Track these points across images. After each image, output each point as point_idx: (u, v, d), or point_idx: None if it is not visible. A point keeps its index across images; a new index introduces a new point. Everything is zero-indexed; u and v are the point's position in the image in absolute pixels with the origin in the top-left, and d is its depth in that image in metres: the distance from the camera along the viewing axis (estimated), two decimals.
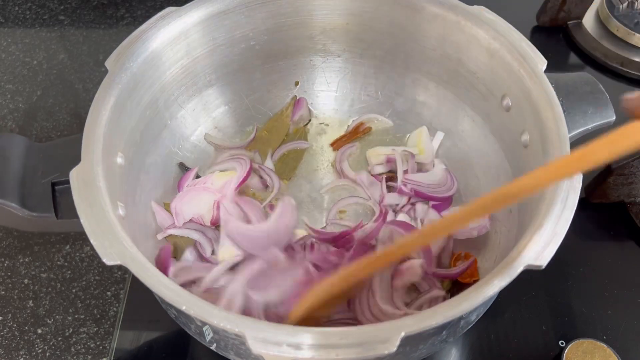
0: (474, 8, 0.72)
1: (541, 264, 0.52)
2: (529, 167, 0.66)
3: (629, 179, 0.84)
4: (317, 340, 0.47)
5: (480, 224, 0.75)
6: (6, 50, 1.17)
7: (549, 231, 0.53)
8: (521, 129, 0.68)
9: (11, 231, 0.91)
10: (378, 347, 0.46)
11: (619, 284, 0.81)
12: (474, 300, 0.49)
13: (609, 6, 1.08)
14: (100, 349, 0.80)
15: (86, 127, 0.61)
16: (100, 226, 0.54)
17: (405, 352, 0.56)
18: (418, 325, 0.48)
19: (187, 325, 0.60)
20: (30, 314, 0.83)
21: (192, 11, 0.73)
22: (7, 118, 1.06)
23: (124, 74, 0.66)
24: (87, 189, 0.56)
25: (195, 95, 0.82)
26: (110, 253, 0.52)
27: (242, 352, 0.56)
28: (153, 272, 0.52)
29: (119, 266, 0.85)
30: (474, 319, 0.61)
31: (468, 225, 0.73)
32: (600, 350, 0.70)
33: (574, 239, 0.85)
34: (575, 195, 0.56)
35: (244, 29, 0.79)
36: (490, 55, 0.71)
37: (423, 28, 0.77)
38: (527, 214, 0.61)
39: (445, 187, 0.81)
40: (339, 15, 0.81)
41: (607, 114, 0.69)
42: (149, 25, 0.70)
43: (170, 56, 0.73)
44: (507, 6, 0.76)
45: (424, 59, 0.81)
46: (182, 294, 0.50)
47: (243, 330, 0.47)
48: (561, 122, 0.61)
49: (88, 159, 0.58)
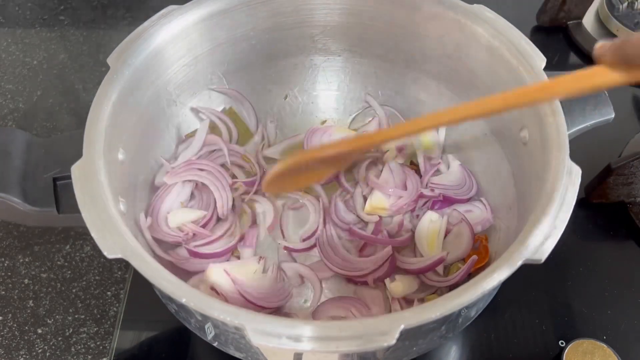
0: (474, 6, 0.72)
1: (540, 257, 0.52)
2: (528, 164, 0.66)
3: (629, 179, 0.84)
4: (316, 332, 0.47)
5: (484, 217, 0.76)
6: (6, 50, 1.18)
7: (548, 225, 0.53)
8: (520, 126, 0.68)
9: (11, 231, 0.91)
10: (377, 339, 0.46)
11: (619, 284, 0.82)
12: (473, 294, 0.49)
13: (609, 6, 1.08)
14: (100, 349, 0.80)
15: (88, 122, 0.61)
16: (101, 220, 0.54)
17: (404, 346, 0.56)
18: (417, 318, 0.48)
19: (187, 320, 0.60)
20: (30, 314, 0.83)
21: (193, 10, 0.73)
22: (7, 118, 1.06)
23: (126, 70, 0.66)
24: (89, 183, 0.56)
25: (196, 93, 0.82)
26: (111, 246, 0.52)
27: (242, 347, 0.56)
28: (153, 266, 0.52)
29: (119, 266, 0.86)
30: (474, 314, 0.61)
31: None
32: (600, 350, 0.71)
33: (574, 239, 0.85)
34: (574, 191, 0.56)
35: (245, 27, 0.79)
36: (490, 53, 0.71)
37: (423, 27, 0.77)
38: (526, 210, 0.61)
39: (466, 188, 0.81)
40: (339, 14, 0.81)
41: (605, 111, 0.70)
42: (151, 23, 0.70)
43: (172, 54, 0.74)
44: (507, 6, 0.76)
45: (424, 58, 0.81)
46: (182, 286, 0.51)
47: (243, 323, 0.47)
48: (560, 119, 0.61)
49: (90, 153, 0.59)
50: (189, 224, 0.76)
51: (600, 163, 0.86)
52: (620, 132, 0.94)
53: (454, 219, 0.78)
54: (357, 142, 0.65)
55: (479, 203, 0.79)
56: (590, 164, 0.81)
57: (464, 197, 0.80)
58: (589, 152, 0.72)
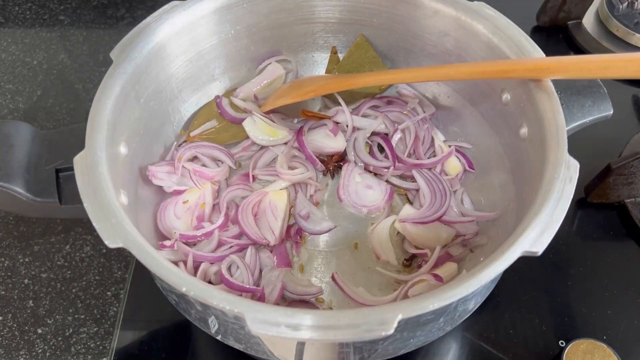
0: (474, 4, 0.73)
1: (537, 250, 0.52)
2: (527, 161, 0.66)
3: (629, 179, 0.84)
4: (315, 321, 0.47)
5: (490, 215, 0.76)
6: (6, 50, 1.18)
7: (546, 218, 0.54)
8: (520, 123, 0.69)
9: (11, 231, 0.91)
10: (376, 328, 0.47)
11: (619, 284, 0.82)
12: (470, 285, 0.50)
13: (609, 6, 1.09)
14: (100, 349, 0.80)
15: (90, 114, 0.62)
16: (103, 210, 0.54)
17: (403, 337, 0.56)
18: (415, 308, 0.48)
19: (188, 312, 0.60)
20: (30, 314, 0.83)
21: (196, 5, 0.74)
22: (7, 118, 1.06)
23: (128, 64, 0.67)
24: (91, 174, 0.57)
25: (199, 88, 0.83)
26: (112, 236, 0.53)
27: (241, 337, 0.56)
28: (154, 255, 0.52)
29: (119, 266, 0.86)
30: (472, 307, 0.61)
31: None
32: (600, 350, 0.70)
33: (574, 239, 0.85)
34: (572, 184, 0.56)
35: (247, 24, 0.80)
36: (490, 50, 0.71)
37: (423, 24, 0.78)
38: (524, 205, 0.61)
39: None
40: (340, 11, 0.82)
41: (604, 107, 0.70)
42: (154, 18, 0.71)
43: (174, 49, 0.74)
44: (507, 6, 0.76)
45: (424, 55, 0.81)
46: (183, 276, 0.51)
47: (242, 311, 0.47)
48: (559, 116, 0.62)
49: (92, 145, 0.59)
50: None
51: (600, 163, 0.86)
52: (620, 132, 0.94)
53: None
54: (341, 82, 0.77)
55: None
56: (590, 164, 0.81)
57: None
58: (588, 152, 0.72)
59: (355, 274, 0.76)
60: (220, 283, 0.69)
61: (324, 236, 0.79)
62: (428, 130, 0.84)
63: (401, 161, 0.82)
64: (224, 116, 0.83)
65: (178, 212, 0.76)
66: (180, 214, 0.76)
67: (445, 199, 0.78)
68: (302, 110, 0.85)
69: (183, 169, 0.77)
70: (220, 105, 0.83)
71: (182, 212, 0.76)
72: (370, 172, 0.83)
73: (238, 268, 0.72)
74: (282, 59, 0.86)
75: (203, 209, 0.77)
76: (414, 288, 0.68)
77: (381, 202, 0.80)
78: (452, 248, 0.74)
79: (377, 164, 0.82)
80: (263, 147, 0.84)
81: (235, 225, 0.76)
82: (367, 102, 0.87)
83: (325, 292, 0.73)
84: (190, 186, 0.78)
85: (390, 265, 0.76)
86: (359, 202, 0.80)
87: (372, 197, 0.81)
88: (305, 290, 0.72)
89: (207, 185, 0.79)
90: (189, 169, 0.77)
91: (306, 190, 0.82)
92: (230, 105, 0.84)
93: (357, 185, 0.81)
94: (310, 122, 0.85)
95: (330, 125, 0.83)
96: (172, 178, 0.76)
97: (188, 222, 0.76)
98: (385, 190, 0.81)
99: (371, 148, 0.85)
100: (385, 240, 0.76)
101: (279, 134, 0.83)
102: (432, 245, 0.74)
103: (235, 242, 0.74)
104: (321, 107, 0.90)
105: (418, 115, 0.85)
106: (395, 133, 0.84)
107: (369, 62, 0.85)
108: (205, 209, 0.77)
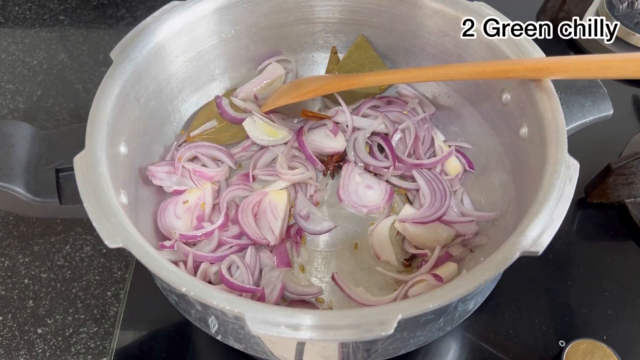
0: (474, 4, 0.73)
1: (537, 250, 0.52)
2: (527, 161, 0.66)
3: (629, 179, 0.84)
4: (315, 321, 0.47)
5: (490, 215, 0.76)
6: (6, 50, 1.18)
7: (546, 218, 0.54)
8: (520, 123, 0.69)
9: (11, 231, 0.91)
10: (376, 328, 0.47)
11: (619, 284, 0.82)
12: (470, 285, 0.50)
13: (609, 6, 1.08)
14: (100, 349, 0.80)
15: (90, 114, 0.62)
16: (103, 210, 0.54)
17: (403, 337, 0.56)
18: (415, 308, 0.48)
19: (188, 312, 0.60)
20: (30, 314, 0.83)
21: (196, 5, 0.74)
22: (7, 118, 1.06)
23: (128, 64, 0.67)
24: (91, 174, 0.57)
25: (199, 88, 0.82)
26: (112, 236, 0.53)
27: (241, 337, 0.56)
28: (154, 255, 0.52)
29: (119, 266, 0.86)
30: (472, 307, 0.61)
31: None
32: (600, 350, 0.70)
33: (574, 239, 0.85)
34: (572, 184, 0.56)
35: (246, 24, 0.80)
36: (490, 50, 0.71)
37: (423, 24, 0.78)
38: (524, 205, 0.61)
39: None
40: (340, 11, 0.82)
41: (604, 107, 0.70)
42: (154, 18, 0.71)
43: (174, 49, 0.74)
44: (507, 6, 0.76)
45: (424, 55, 0.81)
46: (183, 276, 0.51)
47: (242, 311, 0.47)
48: (559, 116, 0.62)
49: (92, 145, 0.59)
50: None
51: (600, 163, 0.86)
52: (620, 132, 0.94)
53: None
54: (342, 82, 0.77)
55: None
56: (590, 164, 0.82)
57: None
58: (588, 152, 0.72)
59: (355, 274, 0.76)
60: (220, 283, 0.69)
61: (324, 236, 0.79)
62: (428, 130, 0.84)
63: (401, 161, 0.82)
64: (224, 116, 0.83)
65: (178, 212, 0.76)
66: (180, 214, 0.76)
67: (445, 199, 0.78)
68: (302, 110, 0.85)
69: (183, 169, 0.77)
70: (220, 105, 0.83)
71: (182, 212, 0.76)
72: (370, 172, 0.83)
73: (238, 268, 0.72)
74: (282, 59, 0.86)
75: (203, 209, 0.77)
76: (414, 288, 0.68)
77: (381, 202, 0.80)
78: (452, 248, 0.74)
79: (377, 164, 0.82)
80: (263, 147, 0.84)
81: (235, 225, 0.77)
82: (367, 102, 0.87)
83: (325, 292, 0.74)
84: (190, 186, 0.77)
85: (390, 265, 0.76)
86: (359, 202, 0.80)
87: (372, 197, 0.81)
88: (305, 290, 0.72)
89: (207, 185, 0.79)
90: (189, 169, 0.77)
91: (306, 190, 0.82)
92: (230, 105, 0.84)
93: (357, 185, 0.81)
94: (310, 122, 0.85)
95: (330, 125, 0.83)
96: (172, 178, 0.76)
97: (188, 222, 0.76)
98: (385, 190, 0.81)
99: (371, 148, 0.85)
100: (385, 240, 0.77)
101: (279, 134, 0.83)
102: (432, 245, 0.74)
103: (235, 242, 0.74)
104: (321, 107, 0.90)
105: (418, 115, 0.85)
106: (395, 133, 0.84)
107: (369, 62, 0.85)
108: (205, 209, 0.77)
